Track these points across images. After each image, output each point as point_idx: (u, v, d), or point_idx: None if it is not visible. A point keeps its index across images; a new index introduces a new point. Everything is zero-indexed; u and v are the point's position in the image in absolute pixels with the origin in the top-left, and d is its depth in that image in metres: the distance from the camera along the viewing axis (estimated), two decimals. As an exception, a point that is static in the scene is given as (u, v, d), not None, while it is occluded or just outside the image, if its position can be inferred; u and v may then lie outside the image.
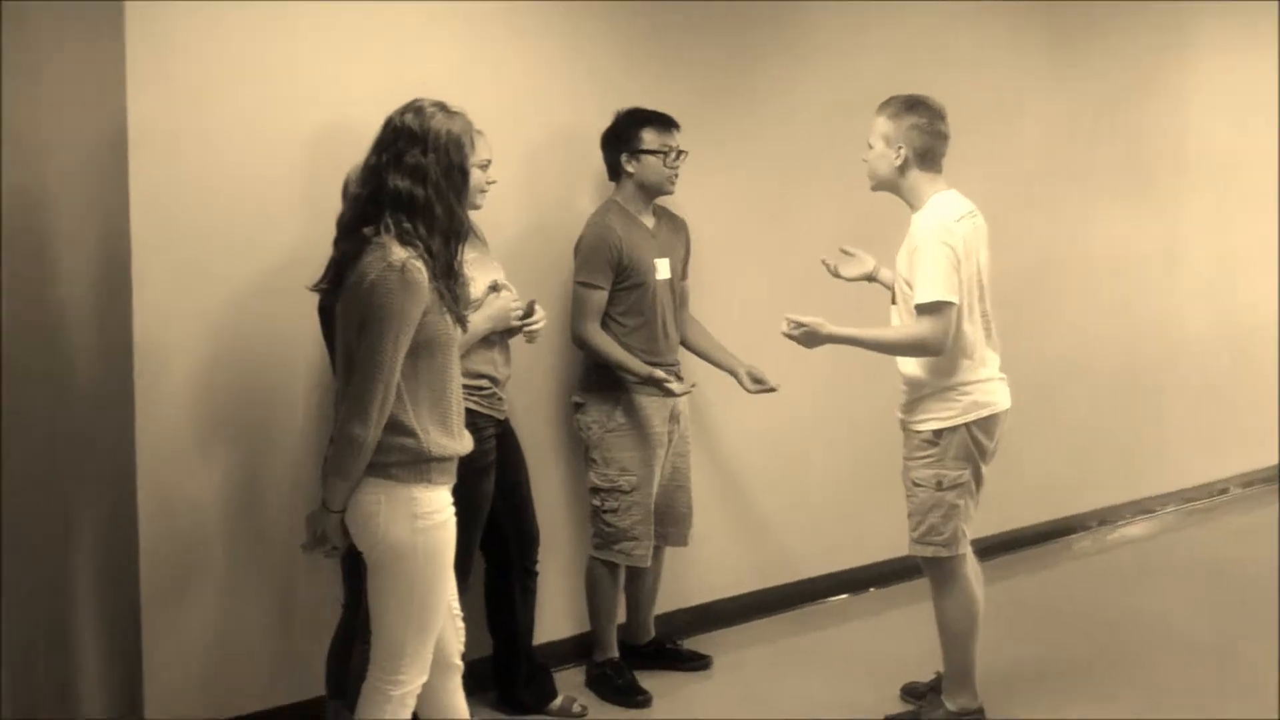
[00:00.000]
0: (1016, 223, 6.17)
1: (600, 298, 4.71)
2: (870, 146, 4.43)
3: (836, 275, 4.80)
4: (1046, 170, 6.59)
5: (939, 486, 4.43)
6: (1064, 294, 6.72)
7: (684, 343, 5.02)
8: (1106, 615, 5.78)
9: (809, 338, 4.34)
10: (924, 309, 4.26)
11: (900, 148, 4.36)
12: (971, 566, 4.58)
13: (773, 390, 4.90)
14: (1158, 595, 6.10)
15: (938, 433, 4.42)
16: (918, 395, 4.45)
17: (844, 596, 5.93)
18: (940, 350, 4.30)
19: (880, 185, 4.47)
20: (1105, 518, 7.07)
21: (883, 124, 4.39)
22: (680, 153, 4.78)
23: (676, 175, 4.79)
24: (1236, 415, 7.68)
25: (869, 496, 5.80)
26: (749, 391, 4.92)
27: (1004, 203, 5.05)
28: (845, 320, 4.39)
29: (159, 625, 4.10)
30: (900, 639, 5.38)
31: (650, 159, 4.75)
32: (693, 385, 4.80)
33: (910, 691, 4.88)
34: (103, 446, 4.03)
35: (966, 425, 4.41)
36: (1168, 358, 7.32)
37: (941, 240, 4.27)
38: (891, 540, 5.09)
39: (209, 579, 4.21)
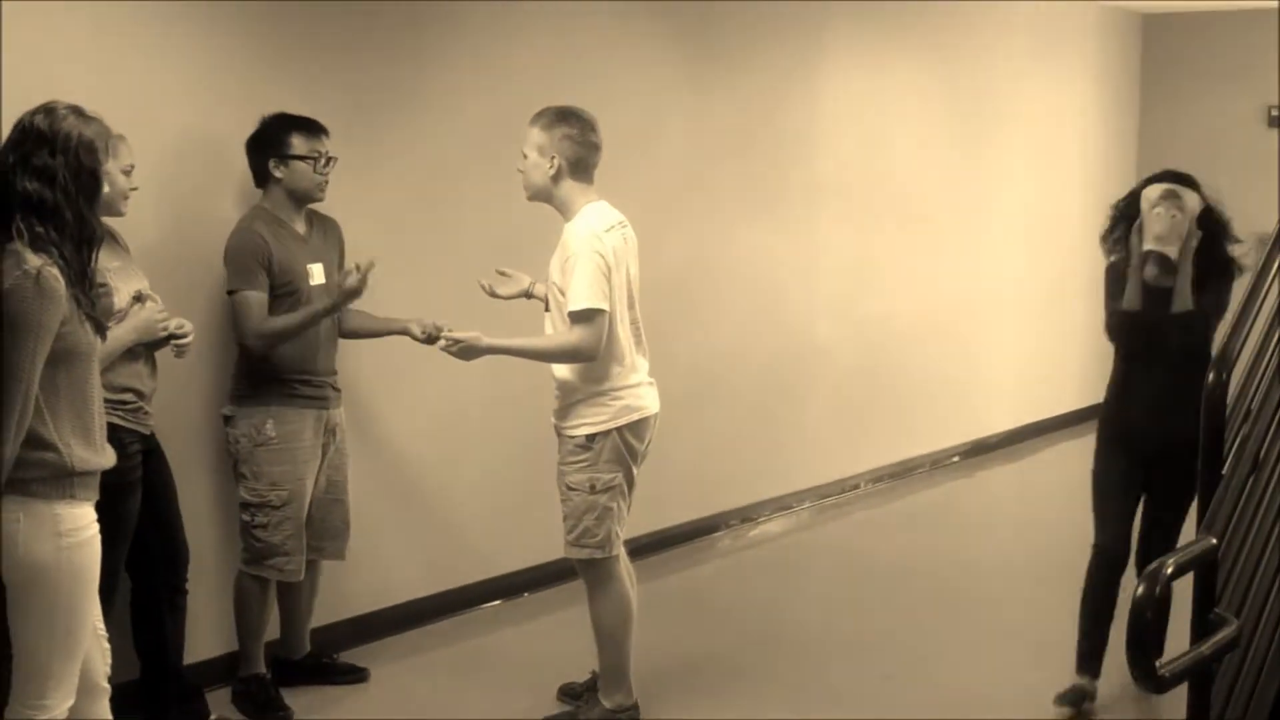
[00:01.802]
0: (663, 233, 6.35)
1: (260, 299, 4.59)
2: (525, 156, 4.50)
3: (494, 295, 4.84)
4: (690, 182, 6.81)
5: (592, 490, 4.52)
6: (708, 302, 6.96)
7: (348, 332, 4.94)
8: (751, 609, 6.03)
9: (466, 351, 4.41)
10: (577, 316, 4.37)
11: (553, 158, 4.45)
12: (624, 566, 4.70)
13: (441, 331, 4.57)
14: (798, 588, 6.42)
15: (590, 437, 4.51)
16: (571, 401, 4.54)
17: (498, 602, 5.98)
18: (593, 356, 4.41)
19: (535, 195, 4.55)
20: (747, 515, 7.36)
21: (536, 134, 4.47)
22: (330, 159, 4.74)
23: (326, 181, 4.75)
24: (866, 415, 8.10)
25: (523, 502, 5.87)
26: (419, 340, 4.69)
27: (651, 213, 5.21)
28: (506, 323, 4.45)
29: None
30: (556, 641, 5.48)
31: (299, 165, 4.68)
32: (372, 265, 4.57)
33: (567, 692, 4.97)
34: None
35: (618, 429, 4.53)
36: (804, 363, 7.66)
37: (593, 249, 4.38)
38: (546, 544, 5.17)
39: None
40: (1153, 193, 4.74)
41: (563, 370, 4.54)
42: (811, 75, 7.53)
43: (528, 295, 4.87)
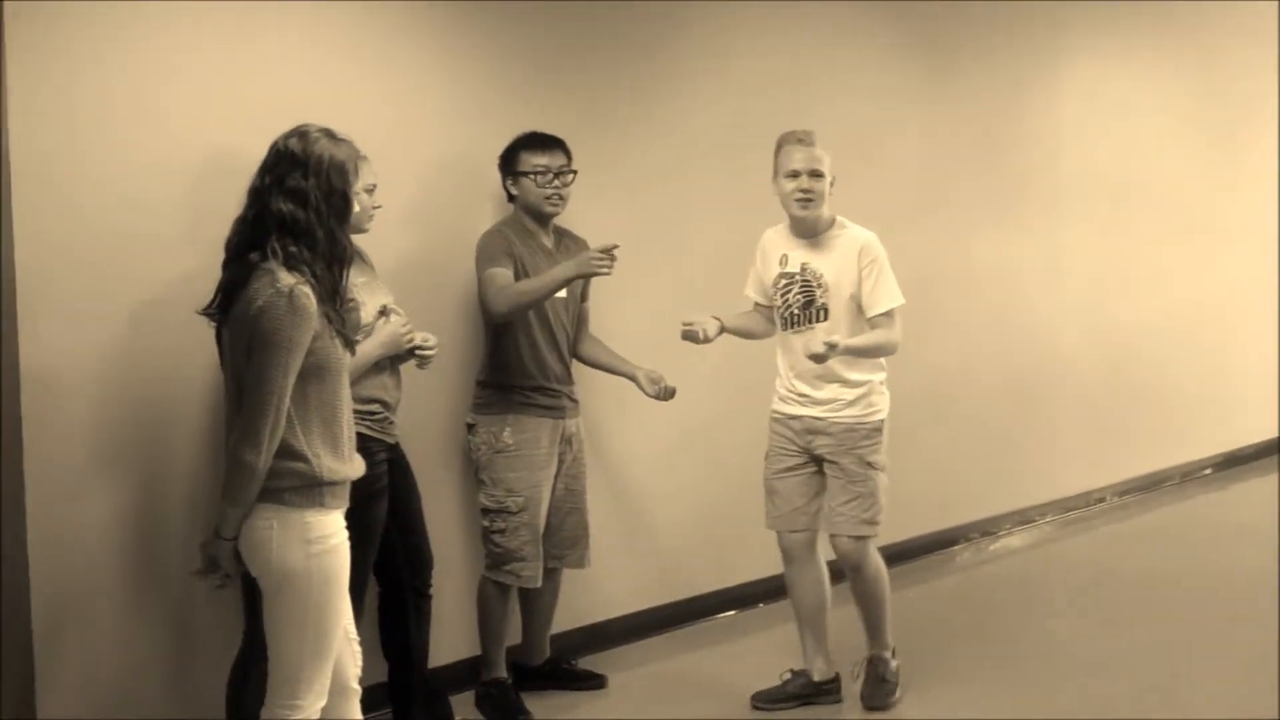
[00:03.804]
0: (901, 239, 6.20)
1: (505, 274, 4.65)
2: (820, 175, 4.69)
3: (707, 340, 4.81)
4: (928, 186, 6.73)
5: (885, 469, 4.85)
6: (943, 308, 6.85)
7: (580, 357, 5.04)
8: (992, 625, 5.89)
9: (832, 351, 4.56)
10: (890, 314, 4.72)
11: (834, 178, 4.75)
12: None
13: (672, 393, 4.94)
14: (1041, 604, 6.24)
15: (883, 421, 4.85)
16: (866, 391, 4.80)
17: (732, 613, 5.99)
18: (897, 349, 4.77)
19: (820, 214, 4.75)
20: (987, 528, 7.21)
21: (823, 156, 4.71)
22: (559, 173, 4.81)
23: (558, 196, 4.82)
24: (1112, 425, 7.87)
25: (751, 516, 5.87)
26: (648, 394, 4.93)
27: (888, 219, 5.18)
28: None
29: (52, 658, 4.03)
30: (789, 653, 5.45)
31: (526, 180, 4.80)
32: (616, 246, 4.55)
33: (765, 698, 5.00)
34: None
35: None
36: (1045, 370, 7.49)
37: (884, 253, 4.76)
38: (777, 556, 5.17)
39: (105, 609, 4.14)
40: None
41: (856, 365, 4.76)
42: (1054, 74, 7.36)
43: (723, 331, 4.90)
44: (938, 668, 5.35)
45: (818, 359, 4.56)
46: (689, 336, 4.77)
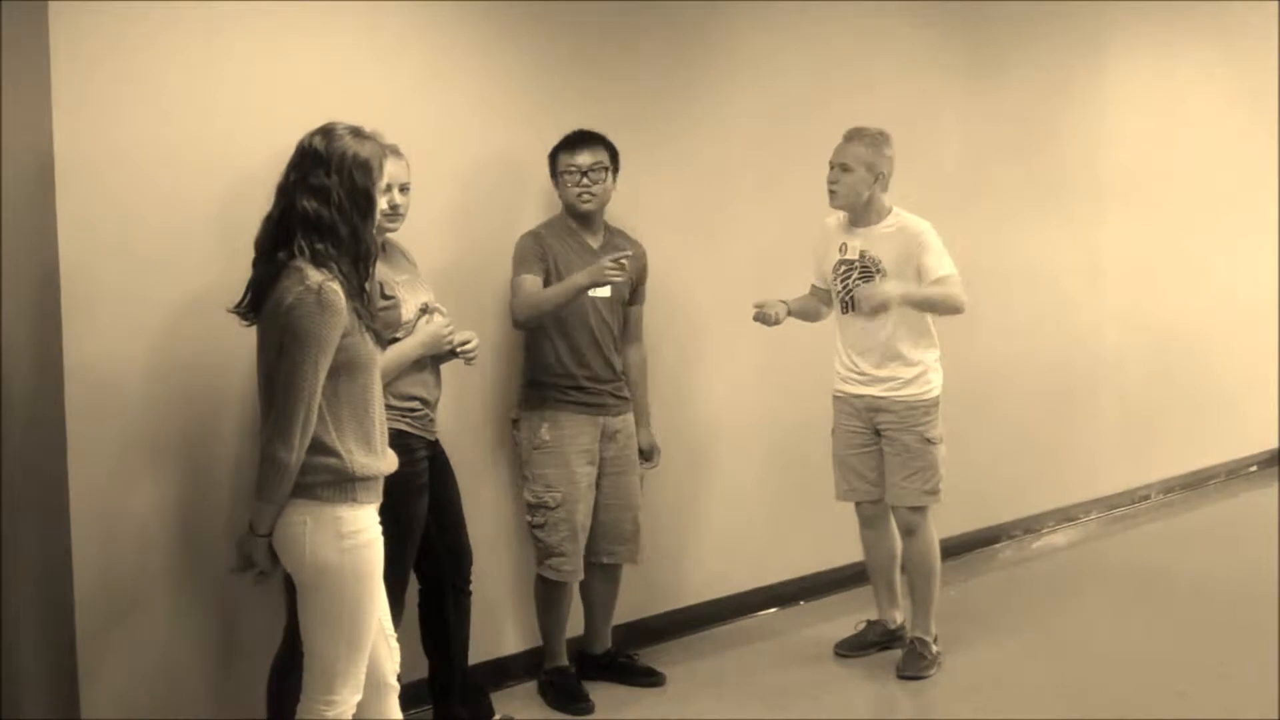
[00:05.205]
0: (941, 235, 6.24)
1: (533, 280, 4.72)
2: (847, 169, 5.03)
3: (777, 322, 5.10)
4: (968, 183, 6.70)
5: (942, 442, 5.17)
6: (985, 305, 6.75)
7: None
8: (1034, 623, 5.86)
9: (885, 301, 4.95)
10: (948, 278, 5.06)
11: (881, 174, 5.05)
12: None
13: (652, 466, 5.20)
14: (1083, 602, 6.21)
15: (937, 397, 5.17)
16: (922, 370, 5.15)
17: (773, 610, 5.98)
18: (963, 307, 5.10)
19: (851, 204, 5.09)
20: (1030, 526, 7.18)
21: (864, 152, 5.03)
22: (586, 172, 4.81)
23: (588, 194, 4.82)
24: (1156, 422, 7.82)
25: (797, 512, 5.87)
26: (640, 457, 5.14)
27: (924, 215, 5.18)
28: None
29: (95, 649, 4.07)
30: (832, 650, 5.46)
31: (561, 180, 4.85)
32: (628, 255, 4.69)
33: (846, 645, 5.42)
34: (33, 472, 3.98)
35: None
36: (1089, 368, 7.44)
37: (937, 238, 5.09)
38: (817, 553, 5.17)
39: (147, 606, 4.18)
40: None
41: (907, 345, 5.10)
42: (1095, 70, 7.32)
43: (789, 313, 5.17)
44: (978, 664, 5.33)
45: (877, 303, 4.93)
46: (761, 319, 5.05)
